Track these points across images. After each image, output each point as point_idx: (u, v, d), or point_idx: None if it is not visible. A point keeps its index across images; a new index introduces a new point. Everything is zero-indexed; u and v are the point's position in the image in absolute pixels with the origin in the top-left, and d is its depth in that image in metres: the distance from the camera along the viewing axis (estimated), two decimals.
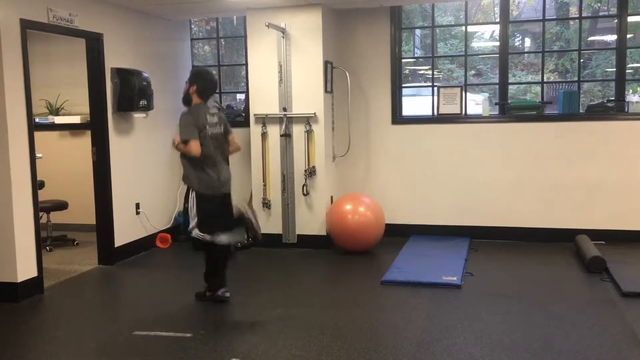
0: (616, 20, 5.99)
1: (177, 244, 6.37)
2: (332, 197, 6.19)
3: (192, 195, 4.33)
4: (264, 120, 6.07)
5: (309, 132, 5.95)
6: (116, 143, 5.69)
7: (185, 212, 4.46)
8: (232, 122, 6.63)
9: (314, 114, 5.91)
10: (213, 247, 4.36)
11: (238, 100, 7.99)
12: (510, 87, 6.56)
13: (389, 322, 4.12)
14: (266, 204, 6.12)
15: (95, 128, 5.59)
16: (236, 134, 6.48)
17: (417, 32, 10.43)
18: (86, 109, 5.68)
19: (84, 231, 6.58)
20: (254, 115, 6.10)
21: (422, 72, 10.70)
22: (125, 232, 5.84)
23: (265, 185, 6.12)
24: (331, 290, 5.03)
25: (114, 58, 5.62)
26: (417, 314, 4.20)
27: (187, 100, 4.46)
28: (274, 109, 6.02)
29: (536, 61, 8.77)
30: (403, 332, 3.90)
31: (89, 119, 5.70)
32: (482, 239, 6.15)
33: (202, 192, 4.32)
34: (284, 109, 5.99)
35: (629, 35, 6.16)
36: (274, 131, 6.06)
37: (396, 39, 6.41)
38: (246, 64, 6.28)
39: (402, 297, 4.63)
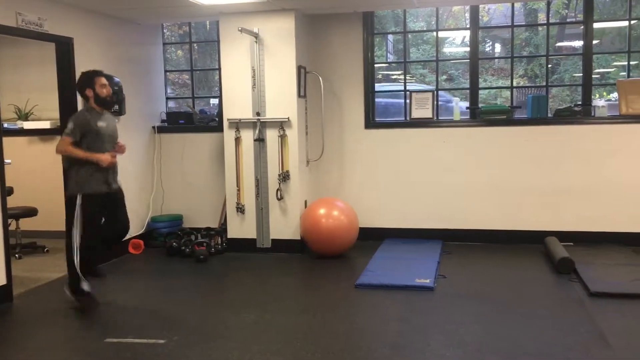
0: (582, 27, 6.14)
1: (150, 250, 6.32)
2: (306, 202, 6.21)
3: None
4: (237, 125, 6.06)
5: (282, 137, 5.96)
6: None
7: None
8: (206, 127, 6.70)
9: (288, 118, 5.93)
10: None
11: (211, 105, 7.97)
12: (481, 91, 6.66)
13: (363, 326, 4.14)
14: (240, 209, 6.11)
15: None
16: (210, 138, 6.62)
17: (390, 37, 10.52)
18: (56, 114, 5.60)
19: (54, 238, 6.47)
20: (228, 120, 6.09)
21: (394, 77, 10.81)
22: None
23: (239, 190, 6.11)
24: (305, 295, 5.05)
25: (85, 63, 5.55)
26: (391, 317, 4.24)
27: None
28: (247, 114, 6.02)
29: (506, 66, 8.91)
30: (377, 335, 3.93)
31: (59, 124, 5.62)
32: (454, 242, 6.23)
33: None
34: (258, 114, 5.99)
35: (595, 41, 6.31)
36: (248, 136, 6.06)
37: (369, 44, 6.47)
38: (219, 69, 6.27)
39: (376, 300, 4.66)
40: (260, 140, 6.02)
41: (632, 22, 6.35)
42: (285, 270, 5.61)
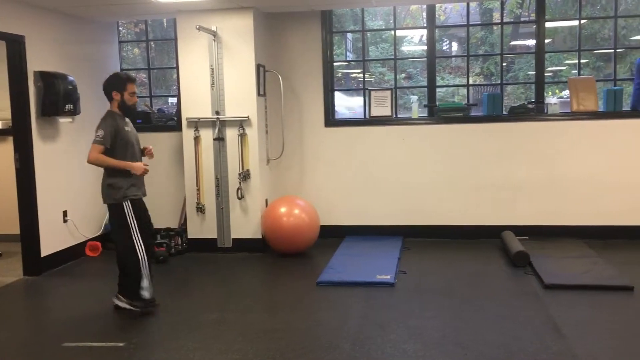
0: (535, 26, 6.30)
1: (108, 252, 6.20)
2: (266, 200, 6.20)
3: None
4: (196, 124, 6.00)
5: (242, 136, 5.94)
6: (41, 149, 5.49)
7: None
8: (164, 126, 6.62)
9: (247, 117, 5.90)
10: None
11: (170, 104, 7.87)
12: (439, 89, 6.77)
13: (325, 322, 4.17)
14: (200, 209, 6.06)
15: (18, 133, 5.37)
16: (168, 138, 6.53)
17: (349, 36, 10.59)
18: (8, 113, 5.45)
19: (8, 241, 6.29)
20: (186, 119, 6.03)
21: (354, 75, 10.88)
22: (52, 241, 5.63)
23: (198, 190, 6.06)
24: (267, 293, 5.04)
25: (37, 61, 5.42)
26: (352, 313, 4.27)
27: None
28: (206, 113, 5.97)
29: (463, 64, 9.08)
30: (339, 332, 3.95)
31: (10, 124, 5.47)
32: (414, 238, 6.32)
33: None
34: (217, 113, 5.95)
35: (547, 40, 6.49)
36: (207, 135, 6.01)
37: (327, 42, 6.50)
38: (177, 67, 6.20)
39: (338, 297, 4.69)
40: (219, 140, 5.98)
41: (582, 21, 6.56)
42: (246, 270, 5.59)
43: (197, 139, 6.02)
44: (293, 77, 6.47)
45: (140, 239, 4.32)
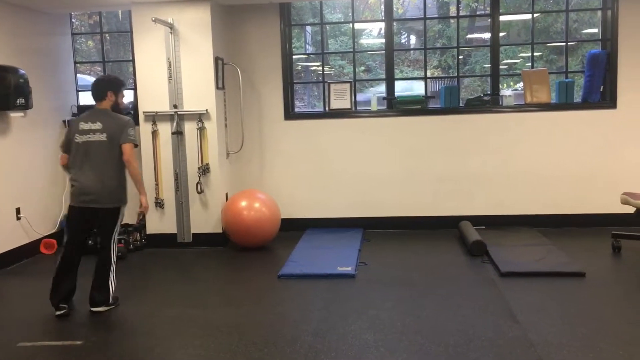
0: (490, 20, 6.42)
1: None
2: (227, 194, 6.16)
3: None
4: (154, 118, 5.91)
5: (201, 130, 5.88)
6: None
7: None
8: None
9: (206, 110, 5.85)
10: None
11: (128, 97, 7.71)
12: (398, 82, 6.82)
13: (287, 315, 4.18)
14: (159, 204, 5.98)
15: None
16: None
17: (308, 28, 10.58)
18: None
19: None
20: (143, 113, 5.93)
21: (313, 68, 10.89)
22: (4, 239, 5.48)
23: (157, 185, 5.98)
24: (228, 288, 5.01)
25: None
26: (314, 305, 4.30)
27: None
28: (164, 107, 5.89)
29: (421, 57, 9.19)
30: (300, 324, 3.97)
31: None
32: (375, 230, 6.38)
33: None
34: (175, 106, 5.87)
35: (502, 34, 6.62)
36: (165, 129, 5.93)
37: (286, 35, 6.48)
38: (133, 60, 6.08)
39: (299, 289, 4.71)
40: (178, 134, 5.90)
41: (536, 15, 6.71)
42: (207, 264, 5.55)
43: (154, 133, 5.93)
44: (252, 70, 6.44)
45: (115, 247, 4.34)
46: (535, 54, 6.75)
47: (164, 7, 5.74)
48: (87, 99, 7.05)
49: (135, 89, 6.11)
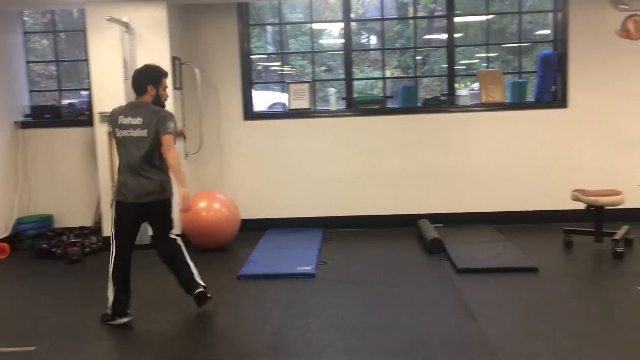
0: (445, 21, 6.52)
1: (17, 254, 5.91)
2: None
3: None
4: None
5: None
6: None
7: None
8: (75, 121, 6.37)
9: None
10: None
11: (82, 98, 7.55)
12: (358, 82, 6.87)
13: (246, 316, 4.17)
14: None
15: None
16: (80, 133, 6.29)
17: (269, 28, 10.55)
18: None
19: None
20: (99, 113, 5.82)
21: (274, 68, 10.86)
22: None
23: (114, 187, 5.85)
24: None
25: None
26: (274, 305, 4.30)
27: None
28: None
29: (382, 58, 9.30)
30: (260, 324, 3.97)
31: None
32: (335, 229, 6.41)
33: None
34: None
35: (459, 34, 6.75)
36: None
37: (244, 35, 6.45)
38: (87, 60, 5.96)
39: (259, 289, 4.70)
40: None
41: (490, 16, 6.85)
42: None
43: (110, 134, 5.83)
44: (211, 70, 6.39)
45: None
46: (491, 54, 6.91)
47: (119, 6, 5.65)
48: (40, 99, 6.90)
49: (90, 89, 5.99)
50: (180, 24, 6.12)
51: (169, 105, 5.73)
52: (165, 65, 5.70)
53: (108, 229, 5.89)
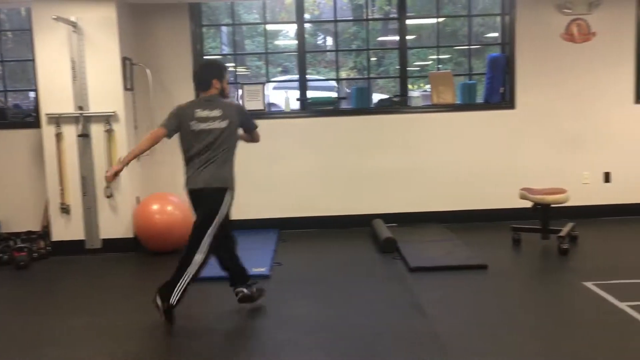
0: (398, 23, 6.61)
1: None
2: (138, 198, 6.01)
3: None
4: (57, 120, 5.68)
5: (109, 132, 5.70)
6: None
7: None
8: (21, 123, 6.19)
9: (114, 112, 5.68)
10: None
11: (31, 99, 7.36)
12: (314, 83, 6.89)
13: (200, 318, 4.13)
14: (65, 209, 5.74)
15: None
16: (27, 135, 6.13)
17: (224, 29, 10.48)
18: None
19: None
20: (46, 114, 5.69)
21: (230, 69, 10.80)
22: None
23: (62, 190, 5.74)
24: (140, 293, 4.87)
25: None
26: (226, 307, 4.28)
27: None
28: (68, 108, 5.66)
29: (339, 58, 9.37)
30: (213, 325, 3.96)
31: None
32: (291, 230, 6.42)
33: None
34: (80, 108, 5.66)
35: (413, 37, 6.86)
36: (70, 131, 5.71)
37: (197, 35, 6.40)
38: (34, 60, 5.81)
39: (212, 292, 4.66)
40: (84, 136, 5.70)
41: (441, 19, 6.98)
42: (117, 270, 5.40)
43: (59, 136, 5.70)
44: (163, 71, 6.31)
45: (211, 235, 4.17)
46: (444, 56, 7.04)
47: (66, 4, 5.53)
48: None
49: (37, 90, 5.84)
50: (131, 24, 6.03)
51: (119, 105, 5.70)
52: (115, 65, 5.64)
53: (58, 233, 5.79)
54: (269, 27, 7.85)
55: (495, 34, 7.01)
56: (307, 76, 6.66)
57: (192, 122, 4.00)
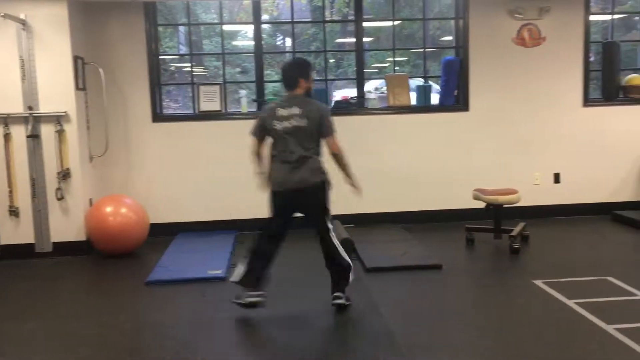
0: (354, 25, 6.66)
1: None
2: (91, 200, 5.89)
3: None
4: (5, 120, 5.51)
5: (60, 132, 5.57)
6: None
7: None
8: None
9: (65, 112, 5.55)
10: None
11: None
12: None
13: (154, 322, 4.08)
14: (14, 212, 5.58)
15: None
16: None
17: (182, 28, 10.36)
18: None
19: None
20: None
21: (187, 69, 10.68)
22: None
23: (11, 192, 5.57)
24: (92, 297, 4.80)
25: None
26: (182, 311, 4.24)
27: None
28: (17, 108, 5.50)
29: None
30: (167, 330, 3.90)
31: None
32: (248, 232, 6.37)
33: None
34: (30, 108, 5.51)
35: (370, 39, 6.92)
36: (19, 132, 5.55)
37: (152, 35, 6.31)
38: None
39: (168, 295, 4.61)
40: (34, 137, 5.54)
41: (396, 22, 7.08)
42: (69, 274, 5.27)
43: (7, 137, 5.53)
44: (117, 70, 6.20)
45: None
46: (402, 58, 7.12)
47: (15, 1, 5.37)
48: None
49: None
50: (83, 22, 5.90)
51: (70, 105, 5.58)
52: (67, 64, 5.52)
53: (7, 237, 5.63)
54: (228, 27, 7.79)
55: (450, 37, 7.13)
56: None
57: (275, 122, 4.04)
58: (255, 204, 6.41)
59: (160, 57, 6.60)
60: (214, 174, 6.39)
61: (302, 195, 4.15)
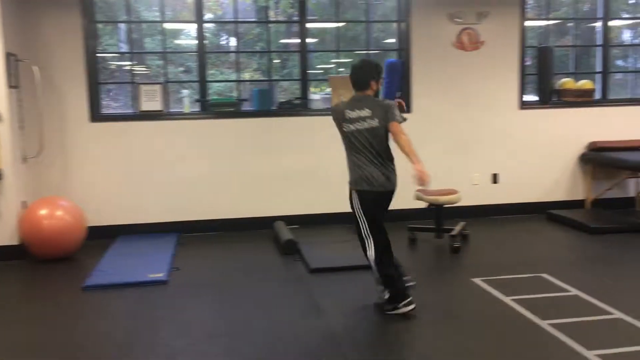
0: (298, 26, 6.67)
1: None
2: (25, 203, 5.65)
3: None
4: None
5: None
6: None
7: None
8: None
9: None
10: None
11: None
12: (217, 84, 6.80)
13: (92, 329, 3.96)
14: None
15: None
16: None
17: (123, 26, 10.10)
18: None
19: None
20: None
21: (128, 67, 10.41)
22: None
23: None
24: (26, 304, 4.61)
25: None
26: (121, 316, 4.14)
27: None
28: None
29: (242, 60, 9.25)
30: (106, 337, 3.81)
31: None
32: (190, 233, 6.29)
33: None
34: None
35: (315, 40, 6.92)
36: None
37: (90, 32, 6.12)
38: None
39: (106, 300, 4.49)
40: None
41: (340, 24, 7.13)
42: (1, 280, 5.05)
43: None
44: (52, 68, 5.98)
45: None
46: (347, 60, 7.16)
47: None
48: None
49: None
50: (16, 18, 5.66)
51: (2, 104, 5.36)
52: None
53: None
54: (170, 25, 7.65)
55: (393, 40, 7.23)
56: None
57: (345, 124, 4.06)
58: (198, 205, 6.36)
59: (99, 55, 6.42)
60: (155, 174, 6.27)
61: (387, 198, 4.28)
